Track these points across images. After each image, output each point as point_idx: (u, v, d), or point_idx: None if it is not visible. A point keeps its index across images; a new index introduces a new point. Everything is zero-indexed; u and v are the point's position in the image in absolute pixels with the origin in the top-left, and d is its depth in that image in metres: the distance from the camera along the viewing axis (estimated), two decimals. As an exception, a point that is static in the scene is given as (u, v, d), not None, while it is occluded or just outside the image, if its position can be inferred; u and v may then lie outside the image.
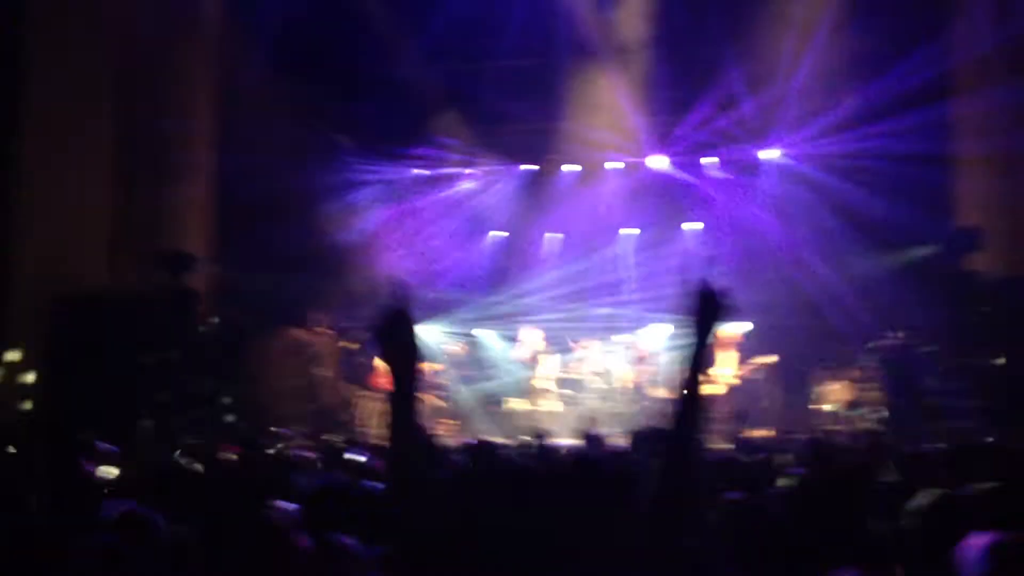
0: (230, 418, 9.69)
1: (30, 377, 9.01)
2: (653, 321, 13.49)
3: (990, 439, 7.00)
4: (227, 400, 9.57)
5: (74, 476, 4.36)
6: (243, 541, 2.64)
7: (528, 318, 13.73)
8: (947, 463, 4.58)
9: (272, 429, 9.05)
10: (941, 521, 2.89)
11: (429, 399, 12.84)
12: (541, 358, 12.94)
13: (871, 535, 3.21)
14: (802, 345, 12.22)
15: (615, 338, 13.46)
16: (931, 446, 5.85)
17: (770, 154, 13.58)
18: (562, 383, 12.87)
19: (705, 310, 2.47)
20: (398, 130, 13.27)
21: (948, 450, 5.16)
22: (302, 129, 12.38)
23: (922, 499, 3.03)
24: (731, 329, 12.35)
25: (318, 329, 12.44)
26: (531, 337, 13.14)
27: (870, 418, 11.02)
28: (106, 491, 4.36)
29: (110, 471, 4.60)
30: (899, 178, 11.35)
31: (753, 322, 12.41)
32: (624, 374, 12.80)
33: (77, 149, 9.52)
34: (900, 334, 10.79)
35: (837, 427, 11.25)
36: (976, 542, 2.50)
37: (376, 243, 13.87)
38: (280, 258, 11.82)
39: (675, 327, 13.62)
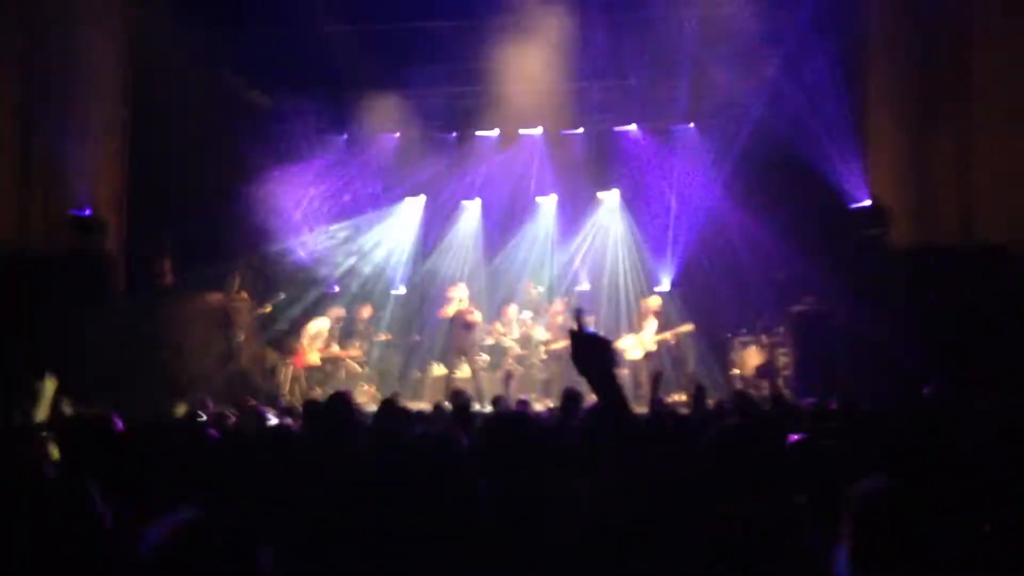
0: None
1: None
2: (569, 286, 13.74)
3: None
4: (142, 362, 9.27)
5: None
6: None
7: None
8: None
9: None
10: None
11: (349, 365, 12.70)
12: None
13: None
14: (720, 313, 12.56)
15: (532, 303, 13.56)
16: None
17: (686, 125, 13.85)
18: (483, 348, 12.83)
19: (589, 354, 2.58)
20: (315, 88, 12.96)
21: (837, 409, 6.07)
22: (216, 84, 11.95)
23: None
24: (652, 298, 12.66)
25: (234, 295, 12.14)
26: (460, 294, 12.84)
27: (778, 381, 11.41)
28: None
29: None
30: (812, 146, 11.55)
31: (673, 291, 12.70)
32: (542, 339, 12.86)
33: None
34: (810, 301, 11.14)
35: (749, 390, 11.61)
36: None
37: (290, 202, 13.55)
38: (194, 218, 11.43)
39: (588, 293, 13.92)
